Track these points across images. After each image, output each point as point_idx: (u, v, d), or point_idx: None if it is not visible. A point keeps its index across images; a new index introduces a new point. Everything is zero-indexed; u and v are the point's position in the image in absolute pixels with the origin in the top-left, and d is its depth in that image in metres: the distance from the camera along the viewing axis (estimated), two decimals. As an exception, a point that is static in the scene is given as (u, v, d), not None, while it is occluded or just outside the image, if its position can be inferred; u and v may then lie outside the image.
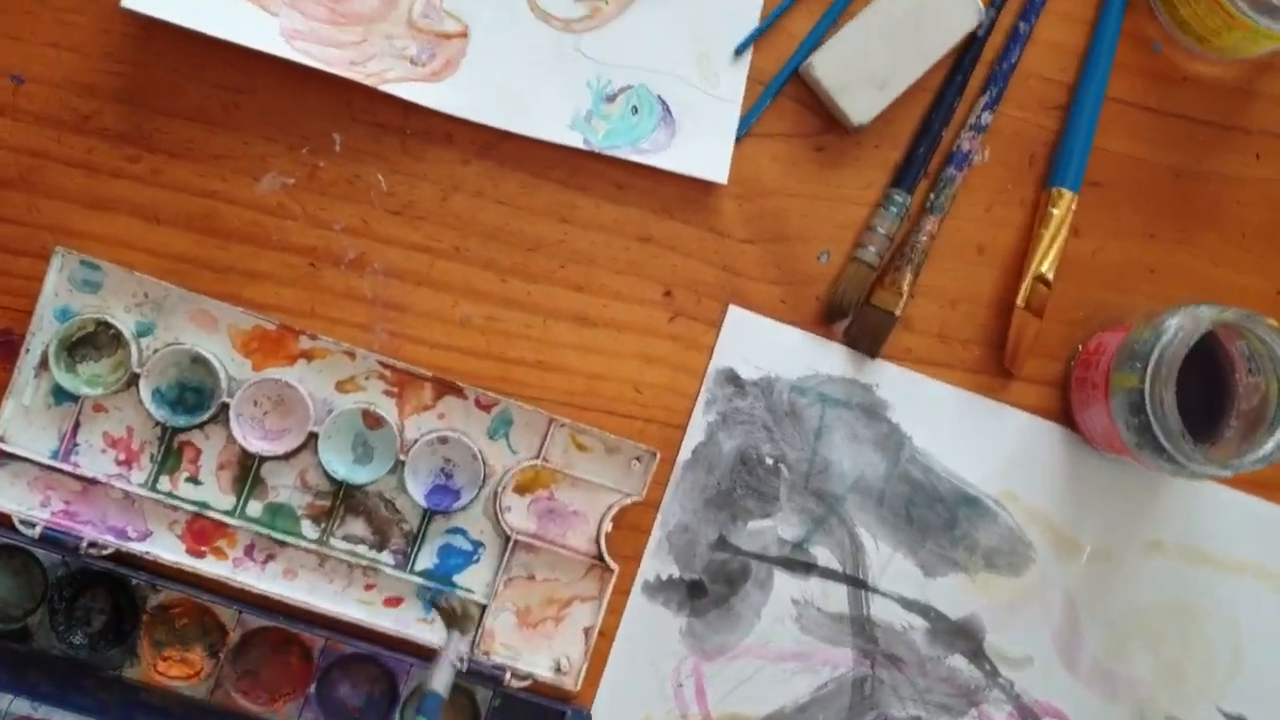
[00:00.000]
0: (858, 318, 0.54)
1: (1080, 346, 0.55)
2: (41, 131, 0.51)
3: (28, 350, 0.50)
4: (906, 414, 0.55)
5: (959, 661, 0.55)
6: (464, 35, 0.52)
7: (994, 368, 0.56)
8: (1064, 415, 0.56)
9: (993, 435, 0.55)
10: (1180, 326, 0.49)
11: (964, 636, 0.55)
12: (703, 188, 0.54)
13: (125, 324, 0.50)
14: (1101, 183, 0.56)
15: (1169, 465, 0.50)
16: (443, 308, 0.53)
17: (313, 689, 0.51)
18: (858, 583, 0.55)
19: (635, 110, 0.53)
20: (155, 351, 0.51)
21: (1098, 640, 0.56)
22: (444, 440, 0.52)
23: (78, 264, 0.50)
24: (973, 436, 0.55)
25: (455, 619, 0.51)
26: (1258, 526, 0.56)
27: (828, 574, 0.55)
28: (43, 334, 0.50)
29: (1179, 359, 0.49)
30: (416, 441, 0.52)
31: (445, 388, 0.52)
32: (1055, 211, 0.55)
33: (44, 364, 0.50)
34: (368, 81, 0.51)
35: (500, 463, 0.52)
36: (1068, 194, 0.55)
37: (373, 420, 0.52)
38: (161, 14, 0.49)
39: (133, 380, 0.50)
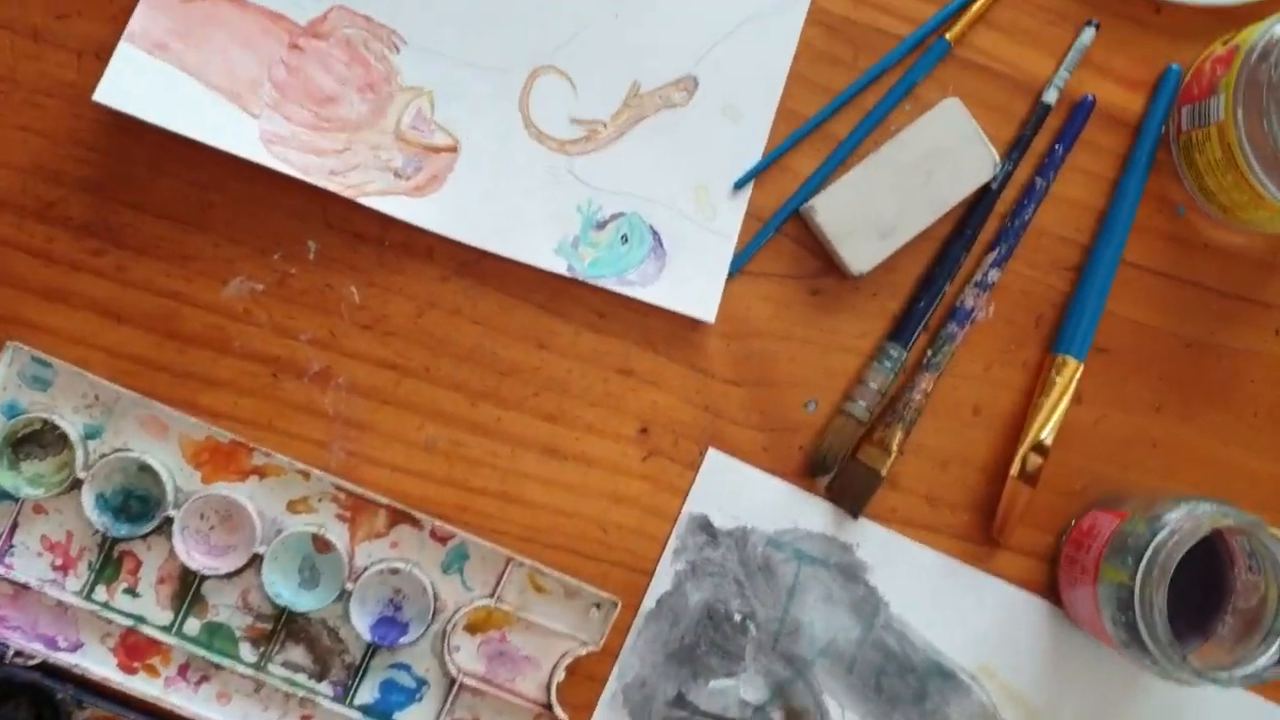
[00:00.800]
0: (842, 474, 0.52)
1: (1073, 522, 0.53)
2: (2, 216, 0.49)
3: (-32, 445, 0.48)
4: (886, 577, 0.52)
5: (919, 843, 0.52)
6: (453, 150, 0.50)
7: (981, 535, 0.53)
8: (1050, 590, 0.53)
9: (974, 606, 0.53)
10: (1178, 527, 0.46)
11: (927, 816, 0.52)
12: (689, 323, 0.51)
13: (73, 425, 0.48)
14: (1109, 349, 0.53)
15: (1154, 668, 0.47)
16: (406, 429, 0.51)
17: (234, 823, 0.49)
18: (819, 751, 0.52)
19: (625, 239, 0.51)
20: (102, 456, 0.48)
21: (1068, 834, 0.53)
22: (395, 571, 0.49)
23: (29, 360, 0.48)
24: (953, 606, 0.52)
25: None
26: (1248, 726, 0.53)
27: (788, 739, 0.52)
28: (-14, 429, 0.48)
29: (1174, 562, 0.46)
30: (366, 570, 0.49)
31: (400, 516, 0.49)
32: (1058, 380, 0.52)
33: (-16, 460, 0.48)
34: (346, 193, 0.48)
35: (452, 598, 0.50)
36: (1073, 362, 0.52)
37: (322, 544, 0.49)
38: (134, 111, 0.47)
39: (76, 484, 0.48)
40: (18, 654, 0.48)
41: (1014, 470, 0.52)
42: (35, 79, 0.49)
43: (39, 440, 0.49)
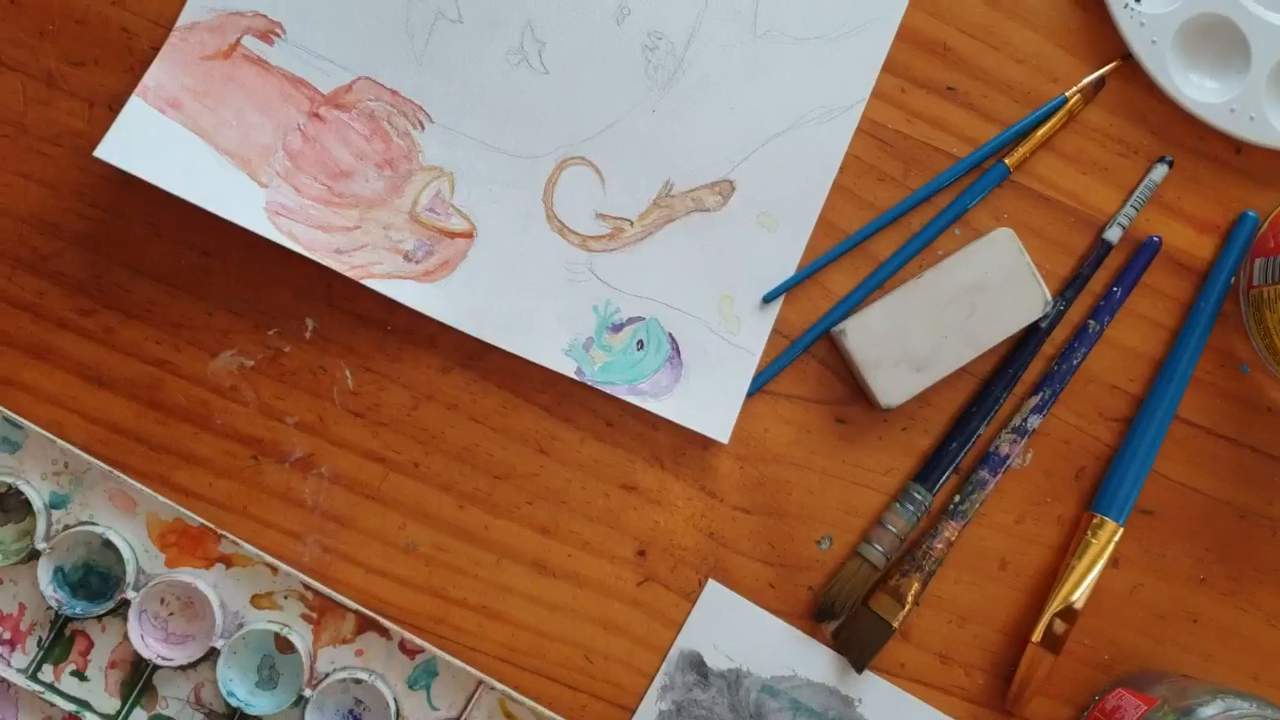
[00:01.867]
0: (850, 622, 0.48)
1: (1097, 698, 0.48)
2: (-6, 265, 0.47)
3: (-72, 502, 0.46)
4: (887, 739, 0.48)
5: None
6: (469, 235, 0.47)
7: (996, 700, 0.48)
8: (1068, 770, 0.49)
9: (982, 779, 0.48)
10: (1216, 729, 0.42)
11: None
12: (701, 440, 0.48)
13: (39, 492, 0.45)
14: (1154, 511, 0.49)
15: None
16: (388, 528, 0.47)
17: None
18: None
19: (641, 345, 0.48)
20: (66, 527, 0.45)
21: None
22: (358, 681, 0.46)
23: (0, 419, 0.46)
24: (959, 777, 0.48)
25: None
26: None
27: None
28: (-52, 487, 0.46)
29: (1209, 769, 0.42)
30: (327, 676, 0.46)
31: (369, 624, 0.46)
32: (1094, 542, 0.48)
33: (-58, 520, 0.46)
34: (351, 274, 0.46)
35: (416, 717, 0.46)
36: (1111, 525, 0.48)
37: (284, 644, 0.46)
38: (136, 170, 0.44)
39: (35, 554, 0.45)
40: (-47, 729, 0.46)
41: (1037, 636, 0.47)
42: (43, 125, 0.47)
43: (1, 504, 0.47)
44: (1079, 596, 0.48)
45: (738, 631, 0.48)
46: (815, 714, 0.48)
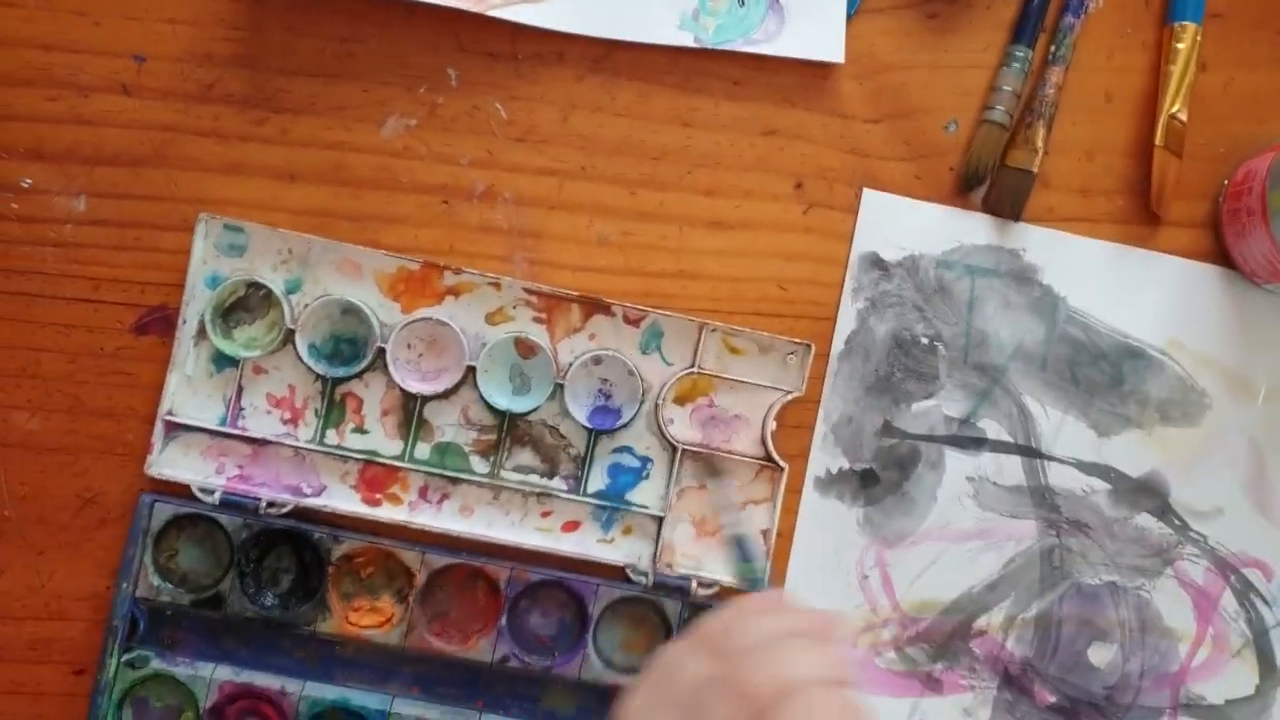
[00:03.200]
0: (995, 181, 0.53)
1: (1226, 180, 0.54)
2: (168, 106, 0.51)
3: (184, 321, 0.51)
4: (1057, 275, 0.54)
5: (1147, 520, 0.54)
6: (561, -46, 0.52)
7: (1140, 215, 0.54)
8: (1219, 255, 0.54)
9: (1149, 285, 0.54)
10: (1342, 132, 0.48)
11: (1148, 494, 0.54)
12: (820, 72, 0.53)
13: (274, 283, 0.51)
14: (1221, 13, 0.54)
15: (1347, 279, 0.49)
16: (578, 229, 0.53)
17: (503, 621, 0.51)
18: (1031, 452, 0.53)
19: (742, 2, 0.53)
20: (306, 306, 0.51)
21: (1288, 478, 0.54)
22: (598, 360, 0.52)
23: (221, 228, 0.51)
24: (1128, 288, 0.54)
25: (714, 470, 0.52)
26: None
27: (999, 447, 0.53)
28: (196, 304, 0.51)
29: (1346, 164, 0.47)
30: (572, 365, 0.51)
31: (592, 307, 0.52)
32: (1180, 46, 0.53)
33: (201, 333, 0.51)
34: (475, 8, 0.51)
35: (656, 376, 0.52)
36: (1191, 26, 0.53)
37: (526, 349, 0.52)
38: (272, -31, 0.49)
39: (288, 338, 0.51)
40: (270, 505, 0.51)
41: (1159, 140, 0.53)
42: (168, -28, 0.52)
43: (245, 305, 0.51)
44: (1181, 100, 0.53)
45: (901, 225, 0.53)
46: (989, 271, 0.54)
